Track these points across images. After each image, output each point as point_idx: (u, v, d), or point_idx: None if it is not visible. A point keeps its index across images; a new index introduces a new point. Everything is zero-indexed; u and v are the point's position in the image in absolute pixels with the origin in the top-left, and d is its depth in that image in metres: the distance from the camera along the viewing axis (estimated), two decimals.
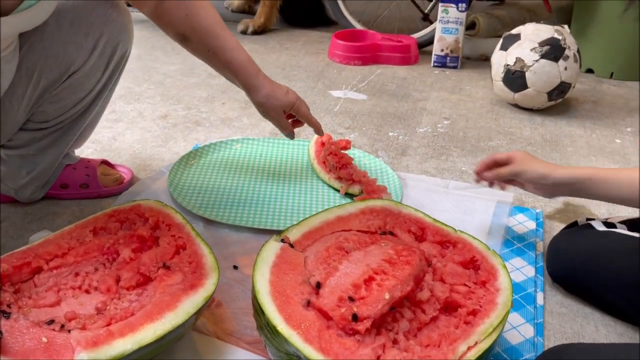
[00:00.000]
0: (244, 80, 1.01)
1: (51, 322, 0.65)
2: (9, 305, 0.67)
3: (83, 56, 0.98)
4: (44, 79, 0.96)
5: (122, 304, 0.70)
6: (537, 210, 1.12)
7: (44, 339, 0.61)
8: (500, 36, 1.69)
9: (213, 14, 0.97)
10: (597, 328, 0.85)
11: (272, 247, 0.71)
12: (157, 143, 1.40)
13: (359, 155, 1.30)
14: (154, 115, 1.57)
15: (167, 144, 1.40)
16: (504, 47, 1.61)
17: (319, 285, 0.65)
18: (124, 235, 0.81)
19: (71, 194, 1.14)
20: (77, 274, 0.76)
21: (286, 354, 0.60)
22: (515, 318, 0.85)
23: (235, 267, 0.93)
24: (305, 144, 1.35)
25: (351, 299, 0.62)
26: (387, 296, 0.62)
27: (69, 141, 1.08)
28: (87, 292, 0.73)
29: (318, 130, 1.14)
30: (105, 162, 1.21)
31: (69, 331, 0.63)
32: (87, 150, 1.34)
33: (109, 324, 0.65)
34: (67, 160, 1.13)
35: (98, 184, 1.15)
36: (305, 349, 0.57)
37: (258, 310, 0.63)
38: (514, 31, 1.63)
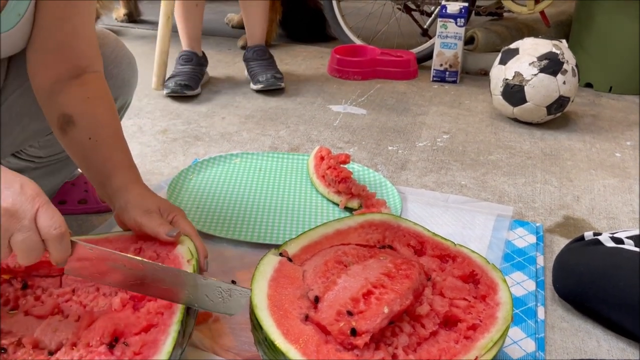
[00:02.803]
0: (119, 181, 0.81)
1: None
2: (7, 303, 0.68)
3: None
4: (33, 125, 0.93)
5: (65, 357, 0.64)
6: (537, 224, 1.12)
7: None
8: (498, 51, 1.70)
9: (111, 109, 0.86)
10: (599, 343, 0.84)
11: (271, 261, 0.71)
12: (157, 157, 1.41)
13: (358, 170, 1.30)
14: (154, 130, 1.57)
15: (167, 158, 1.40)
16: (503, 62, 1.61)
17: (317, 300, 0.65)
18: None
19: (70, 210, 1.13)
20: (98, 289, 0.74)
21: None
22: (516, 333, 0.84)
23: (233, 282, 0.92)
24: (304, 158, 1.35)
25: (350, 313, 0.62)
26: (386, 310, 0.61)
27: (69, 172, 1.08)
28: (89, 313, 0.70)
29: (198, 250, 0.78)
30: None
31: None
32: None
33: None
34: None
35: (96, 199, 1.15)
36: None
37: (256, 325, 0.62)
38: (513, 45, 1.64)
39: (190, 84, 1.80)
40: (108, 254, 0.66)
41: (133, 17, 2.76)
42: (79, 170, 1.18)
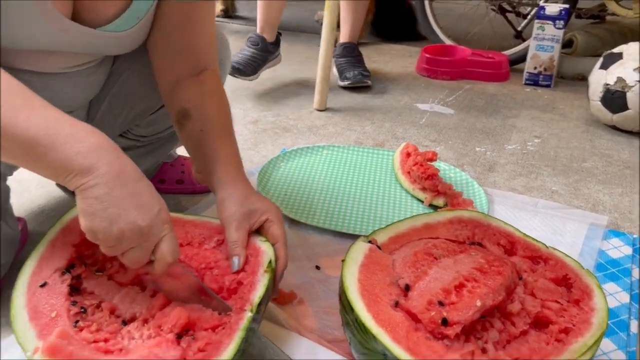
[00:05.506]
0: (218, 175, 0.82)
1: (74, 303, 0.67)
2: (95, 264, 0.73)
3: None
4: (139, 105, 0.99)
5: (125, 335, 0.65)
6: (635, 236, 1.07)
7: (53, 314, 0.64)
8: (599, 55, 1.63)
9: (224, 105, 0.90)
10: None
11: (361, 248, 0.72)
12: (248, 146, 1.46)
13: (444, 168, 1.29)
14: (245, 121, 1.63)
15: (257, 147, 1.46)
16: (604, 66, 1.54)
17: (408, 288, 0.66)
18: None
19: (167, 189, 1.20)
20: None
21: (372, 352, 0.61)
22: (606, 344, 0.81)
23: (317, 268, 0.95)
24: (390, 154, 1.35)
25: (441, 304, 0.62)
26: (478, 303, 0.61)
27: (166, 151, 1.14)
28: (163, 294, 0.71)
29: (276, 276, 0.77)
30: None
31: (77, 322, 0.64)
32: (183, 149, 1.41)
33: (95, 341, 0.63)
34: (165, 158, 1.20)
35: (192, 181, 1.21)
36: (394, 347, 0.58)
37: (346, 307, 0.64)
38: (616, 50, 1.56)
39: (245, 69, 1.78)
40: (195, 283, 0.68)
41: (229, 13, 2.87)
42: (177, 152, 1.25)
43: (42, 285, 0.67)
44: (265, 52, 1.87)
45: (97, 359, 0.60)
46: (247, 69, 1.80)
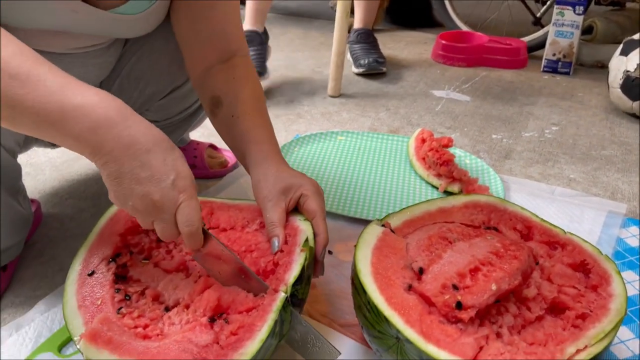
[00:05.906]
0: (252, 157, 0.80)
1: (118, 290, 0.67)
2: (141, 252, 0.73)
3: (185, 75, 0.98)
4: (148, 89, 0.99)
5: (165, 321, 0.65)
6: None
7: (99, 302, 0.64)
8: (618, 42, 1.59)
9: (255, 89, 0.87)
10: None
11: (374, 231, 0.71)
12: None
13: (459, 155, 1.27)
14: None
15: None
16: (625, 52, 1.51)
17: (421, 271, 0.65)
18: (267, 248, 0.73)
19: None
20: None
21: (385, 335, 0.60)
22: (623, 332, 0.79)
23: (330, 252, 0.95)
24: (404, 140, 1.34)
25: (455, 287, 0.61)
26: (494, 287, 0.60)
27: (178, 135, 1.14)
28: (207, 278, 0.69)
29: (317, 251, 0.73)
30: (212, 146, 1.27)
31: (120, 309, 0.64)
32: (196, 134, 1.41)
33: (135, 327, 0.63)
34: (178, 143, 1.20)
35: (205, 165, 1.21)
36: (406, 330, 0.57)
37: (359, 289, 0.63)
38: (636, 36, 1.53)
39: (260, 69, 1.71)
40: (235, 262, 0.67)
41: None
42: (190, 137, 1.25)
43: (90, 274, 0.69)
44: (263, 45, 1.77)
45: (134, 343, 0.60)
46: (261, 68, 1.72)
